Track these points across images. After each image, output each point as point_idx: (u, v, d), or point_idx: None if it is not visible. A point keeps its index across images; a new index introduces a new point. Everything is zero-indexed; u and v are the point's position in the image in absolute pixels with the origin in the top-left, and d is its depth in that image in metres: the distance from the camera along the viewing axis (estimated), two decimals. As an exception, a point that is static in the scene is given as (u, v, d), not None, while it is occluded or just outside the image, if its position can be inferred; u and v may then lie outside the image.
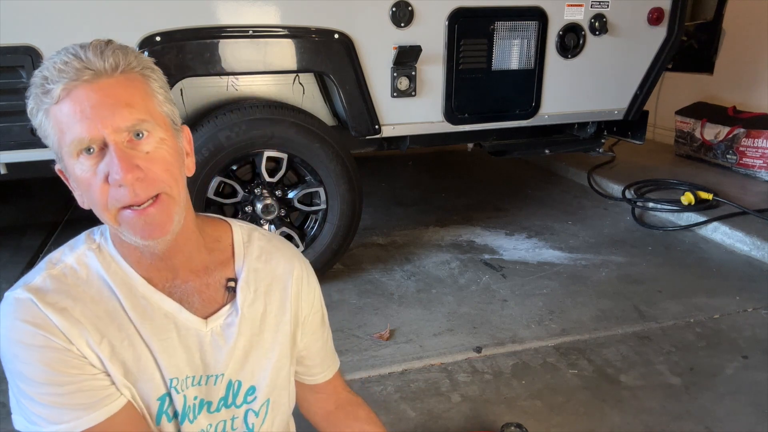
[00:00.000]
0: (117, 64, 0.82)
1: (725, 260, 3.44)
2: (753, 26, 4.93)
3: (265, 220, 2.92)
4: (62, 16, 2.39)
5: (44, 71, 0.82)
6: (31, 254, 3.38)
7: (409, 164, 5.46)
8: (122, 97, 0.82)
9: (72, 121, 0.80)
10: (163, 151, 0.85)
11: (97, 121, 0.80)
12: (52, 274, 0.91)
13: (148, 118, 0.84)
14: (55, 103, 0.81)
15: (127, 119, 0.81)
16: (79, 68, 0.80)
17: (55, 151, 0.86)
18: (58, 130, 0.82)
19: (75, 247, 0.96)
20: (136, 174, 0.81)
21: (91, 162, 0.82)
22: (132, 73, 0.84)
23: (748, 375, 2.36)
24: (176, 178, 0.87)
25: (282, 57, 2.73)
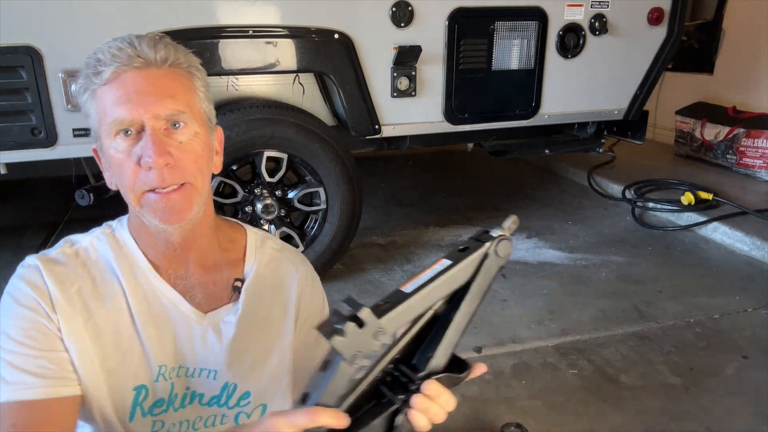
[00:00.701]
0: (167, 57, 0.88)
1: (725, 260, 3.44)
2: (753, 26, 4.93)
3: (265, 220, 2.92)
4: (62, 16, 2.39)
5: (99, 54, 0.86)
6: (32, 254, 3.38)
7: (409, 164, 5.46)
8: (166, 87, 0.87)
9: (116, 103, 0.85)
10: (195, 144, 0.90)
11: (140, 106, 0.85)
12: (65, 251, 0.95)
13: (186, 111, 0.89)
14: (103, 84, 0.85)
15: (168, 108, 0.86)
16: (132, 55, 0.85)
17: (94, 131, 0.90)
18: (102, 110, 0.86)
19: (92, 232, 1.00)
20: (166, 159, 0.85)
21: (127, 144, 0.86)
22: (179, 68, 0.90)
23: (748, 375, 2.36)
24: (203, 171, 0.92)
25: (282, 57, 2.73)
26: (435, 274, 0.76)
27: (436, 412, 0.75)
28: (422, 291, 0.75)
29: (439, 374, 0.75)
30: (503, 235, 0.77)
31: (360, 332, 0.68)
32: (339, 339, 0.67)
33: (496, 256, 0.77)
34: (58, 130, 2.47)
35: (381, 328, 0.70)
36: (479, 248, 0.76)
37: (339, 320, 0.68)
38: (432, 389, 0.74)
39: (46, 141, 2.47)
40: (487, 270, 0.77)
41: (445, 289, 0.76)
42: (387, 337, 0.71)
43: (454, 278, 0.76)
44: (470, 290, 0.77)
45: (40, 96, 2.41)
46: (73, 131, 2.49)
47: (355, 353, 0.69)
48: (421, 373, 0.75)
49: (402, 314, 0.72)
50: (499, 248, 0.76)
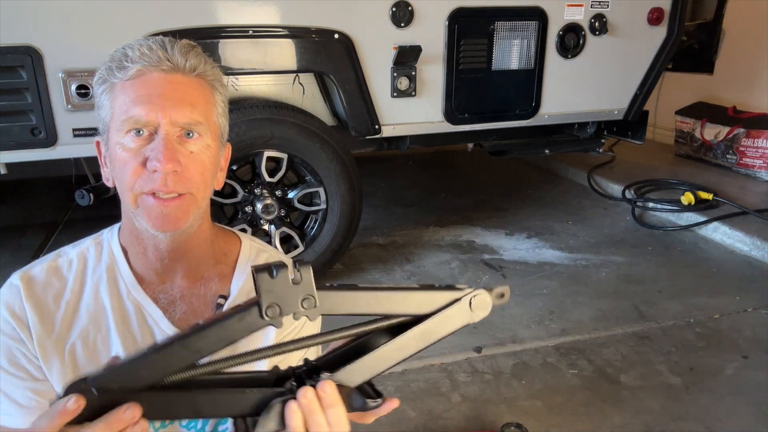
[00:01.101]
0: (195, 67, 0.88)
1: (725, 260, 3.44)
2: (753, 26, 4.93)
3: (265, 220, 2.92)
4: (62, 16, 2.39)
5: (127, 50, 0.86)
6: (31, 254, 3.38)
7: (409, 164, 5.46)
8: (189, 95, 0.87)
9: (136, 101, 0.84)
10: (205, 156, 0.89)
11: (159, 109, 0.84)
12: (51, 265, 0.95)
13: (203, 122, 0.88)
14: (126, 80, 0.85)
15: (186, 116, 0.86)
16: (162, 57, 0.85)
17: (104, 123, 0.89)
18: (118, 105, 0.86)
19: (83, 242, 0.99)
20: (174, 166, 0.85)
21: (137, 144, 0.85)
22: (204, 80, 0.90)
23: (748, 375, 2.36)
24: (206, 184, 0.92)
25: (282, 57, 2.73)
26: (397, 287, 0.69)
27: (319, 423, 0.64)
28: (375, 292, 0.67)
29: (344, 384, 0.67)
30: (483, 291, 0.70)
31: (290, 286, 0.62)
32: (266, 278, 0.61)
33: (468, 307, 0.69)
34: (58, 130, 2.47)
35: (312, 297, 0.63)
36: (455, 291, 0.70)
37: (277, 263, 0.63)
38: (327, 391, 0.64)
39: (46, 141, 2.47)
40: (452, 315, 0.69)
41: (399, 306, 0.68)
42: (313, 311, 0.63)
43: (413, 301, 0.68)
44: (422, 325, 0.69)
45: (40, 96, 2.41)
46: (73, 131, 2.49)
47: (273, 303, 0.62)
48: (325, 373, 0.67)
49: (342, 300, 0.66)
50: (475, 300, 0.69)
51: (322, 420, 0.64)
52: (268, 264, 0.62)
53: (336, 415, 0.65)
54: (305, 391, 0.64)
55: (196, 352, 0.62)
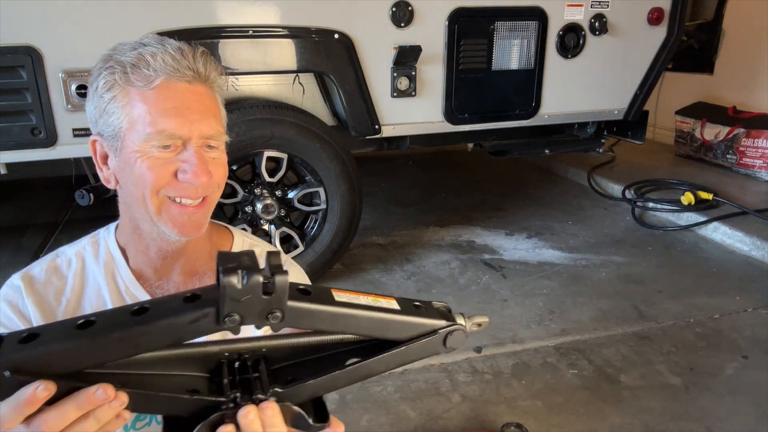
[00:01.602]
0: (215, 77, 0.90)
1: (725, 260, 3.44)
2: (753, 26, 4.93)
3: (265, 220, 2.92)
4: (62, 17, 2.39)
5: (146, 56, 0.84)
6: (31, 254, 3.38)
7: (409, 164, 5.46)
8: (211, 107, 0.89)
9: (165, 113, 0.84)
10: (223, 158, 0.93)
11: (190, 123, 0.85)
12: (50, 265, 0.96)
13: (223, 131, 0.91)
14: (149, 89, 0.84)
15: (213, 128, 0.88)
16: (186, 67, 0.85)
17: (116, 128, 0.86)
18: (138, 113, 0.84)
19: (80, 242, 1.00)
20: (209, 179, 0.87)
21: (164, 154, 0.86)
22: (214, 87, 0.92)
23: (748, 375, 2.36)
24: (223, 184, 0.94)
25: (282, 57, 2.73)
26: (374, 305, 0.63)
27: None
28: (351, 310, 0.60)
29: (291, 405, 0.61)
30: (463, 327, 0.65)
31: (260, 298, 0.54)
32: (233, 283, 0.53)
33: (442, 341, 0.65)
34: (58, 130, 2.47)
35: (280, 311, 0.56)
36: (434, 318, 0.65)
37: (250, 265, 0.54)
38: (268, 414, 0.58)
39: (46, 141, 2.47)
40: (424, 346, 0.64)
41: (373, 329, 0.62)
42: (278, 325, 0.57)
43: (390, 327, 0.63)
44: (392, 351, 0.63)
45: (40, 96, 2.41)
46: (73, 131, 2.49)
47: (234, 312, 0.54)
48: (276, 389, 0.60)
49: (314, 316, 0.59)
50: (451, 337, 0.65)
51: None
52: (239, 263, 0.54)
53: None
54: (246, 412, 0.58)
55: (135, 347, 0.55)
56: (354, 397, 2.22)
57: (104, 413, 0.55)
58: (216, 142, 0.90)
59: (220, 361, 0.62)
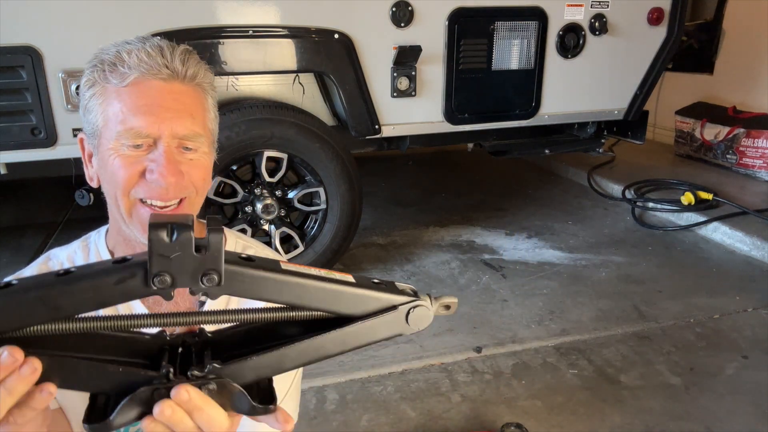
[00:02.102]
0: (195, 74, 0.86)
1: (725, 260, 3.44)
2: (753, 26, 4.93)
3: (265, 220, 2.92)
4: (62, 16, 2.39)
5: (122, 53, 0.82)
6: (31, 254, 3.38)
7: (409, 164, 5.46)
8: (189, 106, 0.85)
9: (135, 111, 0.82)
10: (204, 160, 0.89)
11: (160, 121, 0.82)
12: (42, 268, 0.94)
13: (202, 133, 0.87)
14: (124, 87, 0.82)
15: (187, 128, 0.84)
16: (161, 65, 0.82)
17: (95, 126, 0.86)
18: (113, 112, 0.83)
19: (70, 245, 0.99)
20: (178, 179, 0.84)
21: (134, 153, 0.83)
22: (200, 87, 0.88)
23: (748, 375, 2.36)
24: (205, 186, 0.91)
25: (282, 57, 2.73)
26: (327, 276, 0.57)
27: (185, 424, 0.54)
28: (297, 279, 0.55)
29: (231, 382, 0.56)
30: (425, 304, 0.60)
31: (191, 255, 0.50)
32: (162, 237, 0.49)
33: (404, 319, 0.59)
34: (58, 130, 2.48)
35: (216, 273, 0.51)
36: (396, 294, 0.59)
37: (181, 222, 0.50)
38: (183, 396, 0.53)
39: (46, 141, 2.47)
40: (383, 323, 0.59)
41: (326, 302, 0.57)
42: (215, 290, 0.52)
43: (344, 299, 0.57)
44: (345, 328, 0.58)
45: (40, 96, 2.41)
46: (73, 131, 2.49)
47: (164, 271, 0.50)
48: (215, 365, 0.55)
49: (256, 282, 0.53)
50: (414, 312, 0.59)
51: (188, 423, 0.55)
52: (169, 220, 0.50)
53: (205, 419, 0.55)
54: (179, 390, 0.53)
55: (56, 309, 0.50)
56: (354, 397, 2.22)
57: (15, 383, 0.50)
58: (193, 144, 0.86)
59: (162, 348, 0.58)
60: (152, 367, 0.56)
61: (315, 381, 2.30)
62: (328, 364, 2.41)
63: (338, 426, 2.09)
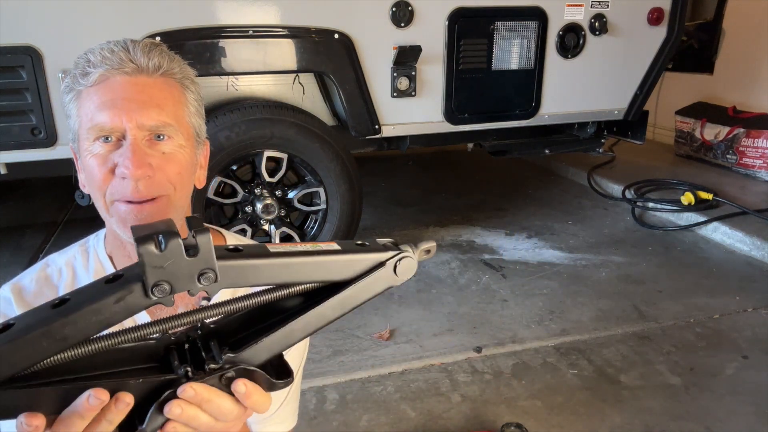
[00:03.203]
0: (159, 66, 0.84)
1: (725, 260, 3.44)
2: (753, 26, 4.93)
3: (265, 220, 2.93)
4: (62, 16, 2.39)
5: (89, 55, 0.83)
6: (31, 254, 3.38)
7: (409, 164, 5.46)
8: (155, 97, 0.83)
9: (100, 107, 0.81)
10: (179, 155, 0.86)
11: (123, 114, 0.81)
12: (41, 275, 0.94)
13: (173, 123, 0.84)
14: (90, 86, 0.82)
15: (153, 119, 0.82)
16: (124, 59, 0.82)
17: (74, 131, 0.86)
18: (84, 113, 0.83)
19: (70, 249, 0.98)
20: (145, 172, 0.81)
21: (105, 150, 0.83)
22: (171, 79, 0.86)
23: (748, 375, 2.36)
24: (184, 183, 0.88)
25: (282, 57, 2.73)
26: (314, 249, 0.59)
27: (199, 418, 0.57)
28: (288, 258, 0.57)
29: (249, 368, 0.58)
30: (410, 254, 0.63)
31: (185, 260, 0.51)
32: (151, 250, 0.49)
33: (392, 271, 0.62)
34: (58, 130, 2.48)
35: (212, 270, 0.52)
36: (380, 251, 0.62)
37: (166, 229, 0.51)
38: (189, 393, 0.55)
39: (46, 141, 2.47)
40: (375, 281, 0.62)
41: (315, 272, 0.59)
42: (213, 286, 0.53)
43: (332, 268, 0.60)
44: (342, 292, 0.61)
45: (40, 96, 2.41)
46: (73, 131, 2.49)
47: (162, 281, 0.51)
48: (228, 355, 0.58)
49: (249, 270, 0.55)
50: (400, 264, 0.62)
51: (203, 417, 0.57)
52: (153, 230, 0.51)
53: (215, 409, 0.57)
54: (184, 388, 0.55)
55: (63, 340, 0.50)
56: (354, 397, 2.22)
57: (114, 416, 0.54)
58: (165, 132, 0.84)
59: (168, 348, 0.59)
60: (166, 368, 0.58)
61: (315, 381, 2.30)
62: (328, 364, 2.42)
63: (338, 426, 2.09)
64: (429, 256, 0.65)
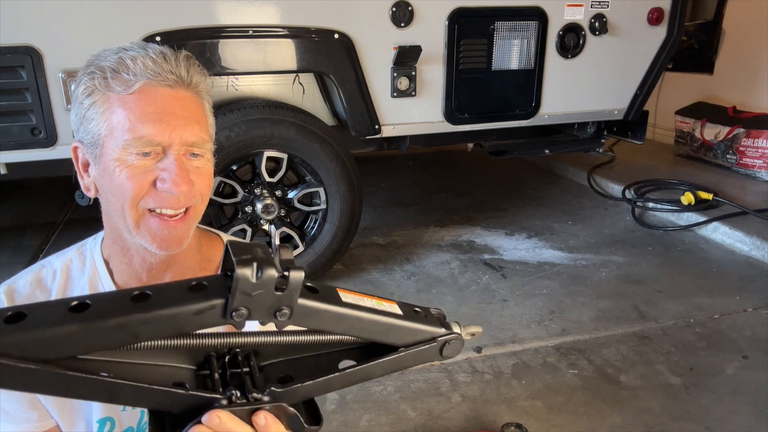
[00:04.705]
0: (198, 81, 0.86)
1: (725, 260, 3.44)
2: (753, 26, 4.93)
3: (265, 220, 2.92)
4: (62, 17, 2.39)
5: (126, 60, 0.81)
6: (31, 254, 3.38)
7: (409, 164, 5.46)
8: (195, 112, 0.84)
9: (145, 118, 0.80)
10: (208, 167, 0.88)
11: (171, 129, 0.81)
12: (35, 277, 0.93)
13: (208, 139, 0.87)
14: (129, 94, 0.80)
15: (196, 135, 0.84)
16: (166, 71, 0.81)
17: (95, 135, 0.83)
18: (118, 120, 0.80)
19: (66, 252, 0.97)
20: (190, 188, 0.83)
21: (144, 162, 0.82)
22: (199, 93, 0.87)
23: (748, 375, 2.36)
24: (208, 195, 0.90)
25: (282, 57, 2.73)
26: (379, 309, 0.61)
27: None
28: (357, 312, 0.59)
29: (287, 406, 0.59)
30: (461, 337, 0.66)
31: (272, 293, 0.51)
32: (248, 276, 0.50)
33: (439, 351, 0.65)
34: (58, 130, 2.47)
35: (289, 308, 0.53)
36: (435, 326, 0.64)
37: (265, 259, 0.51)
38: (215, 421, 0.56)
39: (46, 141, 2.47)
40: (422, 353, 0.64)
41: (377, 333, 0.61)
42: (284, 323, 0.54)
43: (393, 331, 0.62)
44: (390, 356, 0.62)
45: (40, 96, 2.41)
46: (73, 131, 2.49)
47: (241, 306, 0.51)
48: (274, 389, 0.58)
49: (320, 315, 0.57)
50: (449, 346, 0.65)
51: None
52: (254, 255, 0.51)
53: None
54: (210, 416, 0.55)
55: (134, 336, 0.51)
56: (354, 397, 2.22)
57: None
58: (200, 150, 0.85)
59: (208, 354, 0.59)
60: (200, 374, 0.59)
61: (315, 381, 2.29)
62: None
63: (338, 426, 2.09)
64: (473, 338, 0.67)
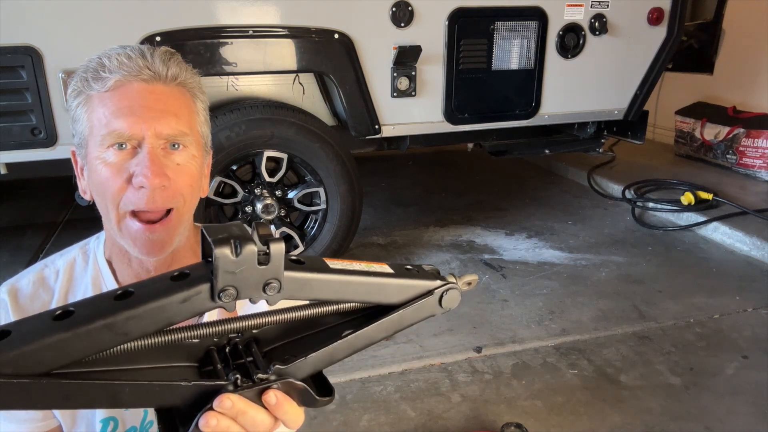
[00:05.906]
0: (176, 75, 0.84)
1: (725, 260, 3.44)
2: (753, 26, 4.93)
3: (265, 220, 2.92)
4: (62, 16, 2.39)
5: (103, 59, 0.82)
6: (31, 254, 3.38)
7: (409, 164, 5.46)
8: (172, 106, 0.83)
9: (117, 113, 0.80)
10: (192, 166, 0.86)
11: (143, 121, 0.80)
12: (39, 276, 0.93)
13: (188, 133, 0.85)
14: (105, 91, 0.81)
15: (171, 128, 0.82)
16: (142, 66, 0.81)
17: (82, 136, 0.84)
18: (97, 118, 0.81)
19: (69, 251, 0.97)
20: (162, 181, 0.81)
21: (120, 158, 0.81)
22: (185, 88, 0.86)
23: (748, 375, 2.36)
24: (192, 195, 0.88)
25: (282, 57, 2.73)
26: (370, 270, 0.61)
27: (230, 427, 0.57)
28: (348, 277, 0.58)
29: (295, 381, 0.58)
30: (457, 286, 0.65)
31: (255, 267, 0.51)
32: (227, 254, 0.50)
33: (437, 302, 0.65)
34: (58, 130, 2.48)
35: (278, 281, 0.53)
36: (429, 279, 0.64)
37: (242, 234, 0.51)
38: (226, 404, 0.55)
39: (46, 141, 2.47)
40: (421, 308, 0.64)
41: (370, 293, 0.61)
42: (275, 296, 0.54)
43: (386, 289, 0.61)
44: (389, 316, 0.62)
45: (40, 96, 2.41)
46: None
47: (229, 286, 0.51)
48: (277, 366, 0.58)
49: (311, 284, 0.56)
50: (446, 296, 0.65)
51: (235, 428, 0.57)
52: (230, 234, 0.51)
53: (249, 421, 0.57)
54: (221, 399, 0.55)
55: (124, 335, 0.50)
56: (354, 397, 2.22)
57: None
58: (181, 141, 0.83)
59: (208, 349, 0.59)
60: (204, 367, 0.58)
61: (315, 381, 2.29)
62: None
63: (338, 426, 2.09)
64: (470, 287, 0.67)
